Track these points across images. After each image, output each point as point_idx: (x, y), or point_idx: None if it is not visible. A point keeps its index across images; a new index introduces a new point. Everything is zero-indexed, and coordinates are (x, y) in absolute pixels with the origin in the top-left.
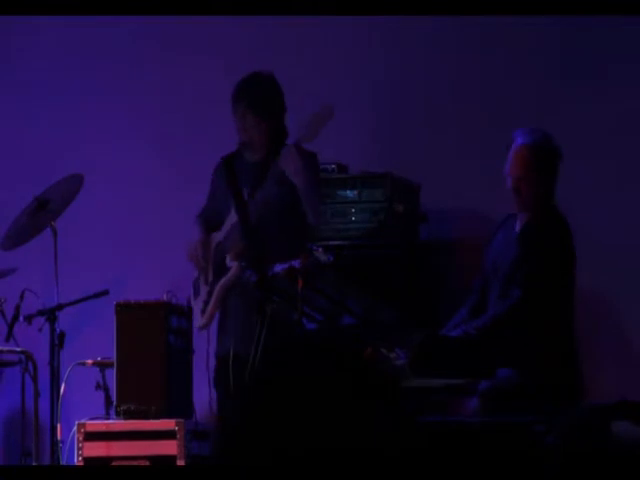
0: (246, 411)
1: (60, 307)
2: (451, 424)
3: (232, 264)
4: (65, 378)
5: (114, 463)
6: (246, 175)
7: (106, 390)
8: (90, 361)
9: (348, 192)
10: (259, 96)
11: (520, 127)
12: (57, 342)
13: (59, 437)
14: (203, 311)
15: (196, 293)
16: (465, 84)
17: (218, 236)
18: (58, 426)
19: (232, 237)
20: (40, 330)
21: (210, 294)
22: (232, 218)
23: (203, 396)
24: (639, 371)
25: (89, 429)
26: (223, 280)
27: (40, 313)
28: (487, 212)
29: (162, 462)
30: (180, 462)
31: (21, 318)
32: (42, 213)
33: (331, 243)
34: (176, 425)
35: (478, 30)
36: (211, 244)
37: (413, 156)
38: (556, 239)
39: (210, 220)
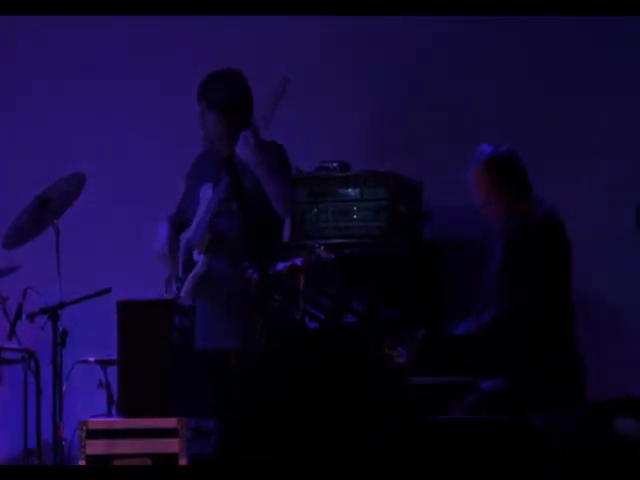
0: (249, 408)
1: (62, 305)
2: (452, 422)
3: (199, 258)
4: (67, 376)
5: (116, 461)
6: (214, 171)
7: (108, 388)
8: (92, 359)
9: (350, 190)
10: (217, 94)
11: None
12: (59, 340)
13: (61, 435)
14: None
15: (167, 290)
16: (467, 82)
17: (187, 234)
18: (60, 424)
19: (198, 232)
20: (42, 328)
21: (179, 290)
22: (199, 214)
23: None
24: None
25: (91, 427)
26: (192, 273)
27: (42, 311)
28: None
29: (164, 460)
30: (182, 460)
31: (23, 316)
32: (44, 212)
33: (333, 241)
34: (178, 423)
35: (481, 29)
36: (178, 241)
37: (415, 154)
38: (541, 236)
39: (181, 220)
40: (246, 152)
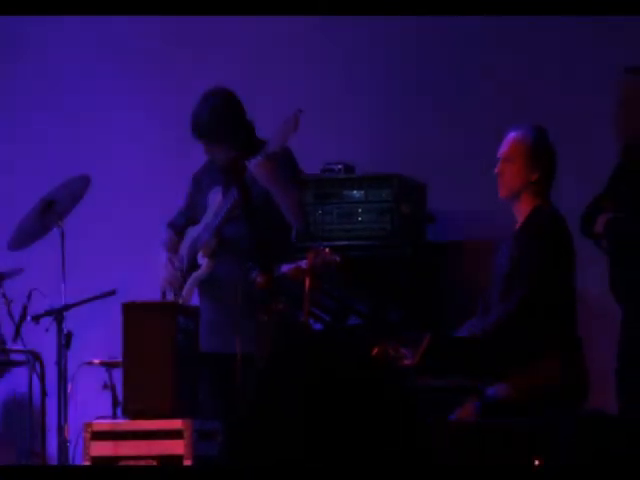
0: (255, 411)
1: (67, 307)
2: (456, 425)
3: (203, 261)
4: (72, 378)
5: (121, 463)
6: (225, 175)
7: (113, 390)
8: (97, 361)
9: (354, 192)
10: (205, 126)
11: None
12: (64, 342)
13: (66, 437)
14: None
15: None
16: (472, 84)
17: (195, 230)
18: (65, 426)
19: (205, 236)
20: (47, 330)
21: (181, 288)
22: (207, 217)
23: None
24: None
25: (96, 429)
26: (194, 274)
27: (47, 313)
28: (494, 212)
29: (169, 462)
30: (187, 462)
31: (28, 318)
32: (49, 214)
33: (338, 244)
34: (183, 425)
35: (485, 29)
36: (180, 242)
37: (420, 156)
38: (552, 237)
39: (188, 219)
40: (260, 177)
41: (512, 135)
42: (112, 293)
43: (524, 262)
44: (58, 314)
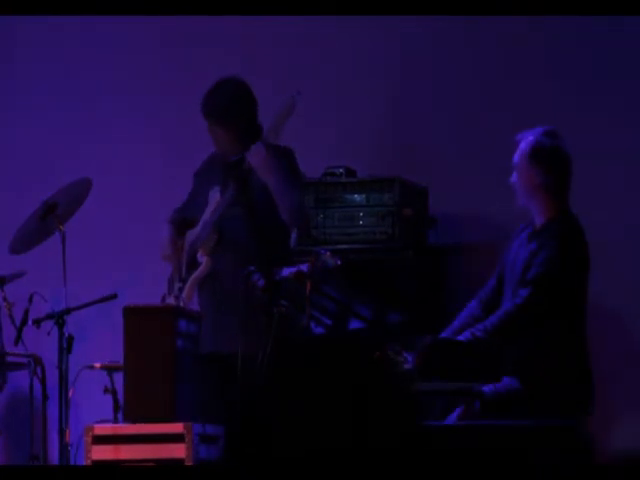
0: (257, 413)
1: (68, 311)
2: (456, 428)
3: (202, 259)
4: (73, 382)
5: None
6: (225, 174)
7: (114, 393)
8: (98, 365)
9: (356, 196)
10: (218, 108)
11: (530, 129)
12: (65, 346)
13: (67, 440)
14: None
15: (170, 290)
16: (474, 87)
17: (193, 233)
18: (66, 430)
19: (203, 234)
20: (49, 334)
21: (181, 290)
22: (205, 216)
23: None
24: None
25: (97, 432)
26: (194, 274)
27: (49, 317)
28: (496, 216)
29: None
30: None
31: (30, 322)
32: (51, 217)
33: (339, 247)
34: (184, 428)
35: (487, 32)
36: (182, 242)
37: (421, 160)
38: (570, 242)
39: (188, 217)
40: (257, 165)
41: (518, 141)
42: (113, 297)
43: (535, 264)
44: (59, 318)
